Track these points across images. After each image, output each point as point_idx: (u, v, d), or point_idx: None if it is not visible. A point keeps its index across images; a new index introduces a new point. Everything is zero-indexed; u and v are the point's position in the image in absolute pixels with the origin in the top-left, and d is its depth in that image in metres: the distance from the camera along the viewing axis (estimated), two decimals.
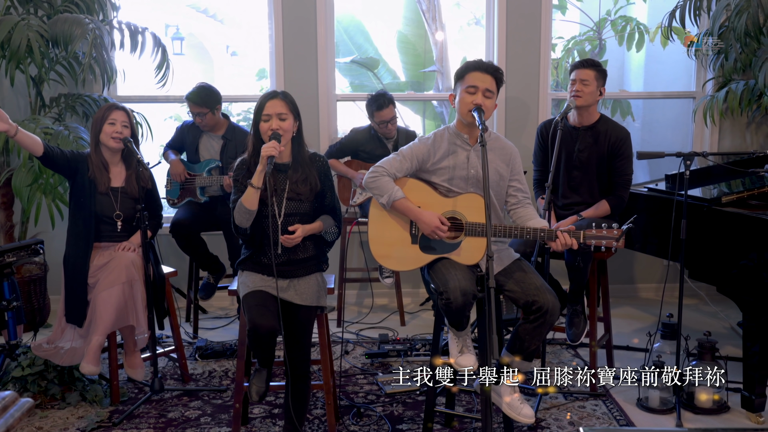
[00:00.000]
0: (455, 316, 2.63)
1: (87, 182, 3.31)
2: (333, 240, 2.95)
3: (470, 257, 2.73)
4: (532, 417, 2.76)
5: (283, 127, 2.72)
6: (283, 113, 2.73)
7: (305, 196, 2.80)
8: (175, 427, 3.15)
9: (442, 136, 2.85)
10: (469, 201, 2.75)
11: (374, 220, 2.85)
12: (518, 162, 2.89)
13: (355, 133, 4.49)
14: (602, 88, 3.56)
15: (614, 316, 4.65)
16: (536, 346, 2.72)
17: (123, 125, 3.30)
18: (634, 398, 3.39)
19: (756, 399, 3.16)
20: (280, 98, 2.75)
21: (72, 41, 3.90)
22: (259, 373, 2.78)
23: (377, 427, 3.14)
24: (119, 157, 3.40)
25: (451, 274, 2.63)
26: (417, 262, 2.79)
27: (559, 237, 2.64)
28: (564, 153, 3.60)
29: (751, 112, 4.84)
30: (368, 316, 4.74)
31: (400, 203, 2.75)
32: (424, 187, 2.81)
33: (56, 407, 3.31)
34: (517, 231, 2.69)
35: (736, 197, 3.42)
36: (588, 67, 3.53)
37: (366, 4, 7.10)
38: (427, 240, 2.77)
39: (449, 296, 2.58)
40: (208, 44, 8.78)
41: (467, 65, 2.78)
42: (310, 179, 2.80)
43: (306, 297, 2.77)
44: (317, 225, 2.84)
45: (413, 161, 2.80)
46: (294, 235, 2.74)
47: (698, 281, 3.47)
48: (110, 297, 3.16)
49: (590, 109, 3.55)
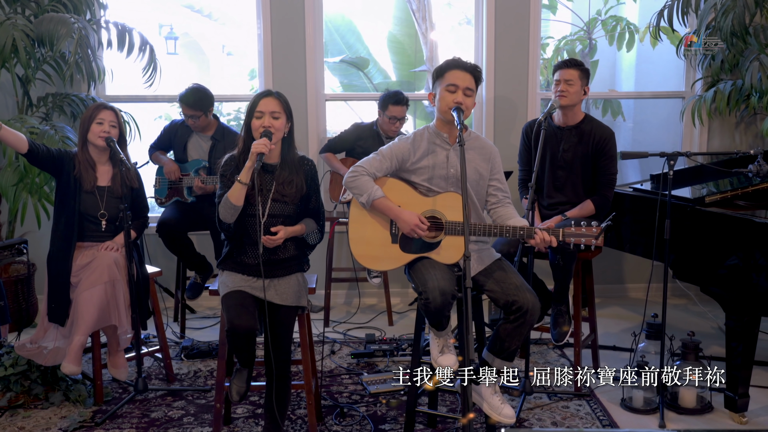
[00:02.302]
0: (434, 316, 2.63)
1: (72, 180, 3.31)
2: (315, 243, 2.96)
3: (450, 256, 2.73)
4: (512, 417, 2.75)
5: (275, 126, 2.72)
6: (276, 112, 2.73)
7: (290, 199, 2.80)
8: (158, 427, 3.14)
9: (422, 135, 2.85)
10: (448, 200, 2.75)
11: (354, 220, 2.84)
12: (498, 161, 2.89)
13: (357, 127, 4.51)
14: (586, 87, 3.56)
15: (603, 316, 4.68)
16: (517, 346, 2.72)
17: (111, 125, 3.30)
18: (618, 398, 3.39)
19: (739, 399, 3.16)
20: (275, 97, 2.76)
21: (57, 40, 3.89)
22: (240, 373, 2.78)
23: (360, 427, 3.13)
24: (107, 156, 3.39)
25: (430, 274, 2.63)
26: (397, 261, 2.78)
27: (538, 234, 2.64)
28: (549, 152, 3.60)
29: (739, 112, 4.84)
30: (357, 316, 4.74)
31: (379, 202, 2.75)
32: (404, 187, 2.81)
33: (39, 407, 3.31)
34: (497, 229, 2.69)
35: (719, 197, 3.42)
36: (571, 66, 3.53)
37: (357, 3, 7.10)
38: (407, 239, 2.77)
39: (428, 296, 2.57)
40: (204, 44, 8.78)
41: (446, 63, 2.78)
42: (296, 182, 2.80)
43: (286, 297, 2.76)
44: (299, 227, 2.84)
45: (393, 160, 2.81)
46: (276, 236, 2.73)
47: (683, 281, 3.47)
48: (92, 297, 3.15)
49: (575, 108, 3.56)
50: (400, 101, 4.30)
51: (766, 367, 3.75)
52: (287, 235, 2.77)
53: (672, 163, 3.16)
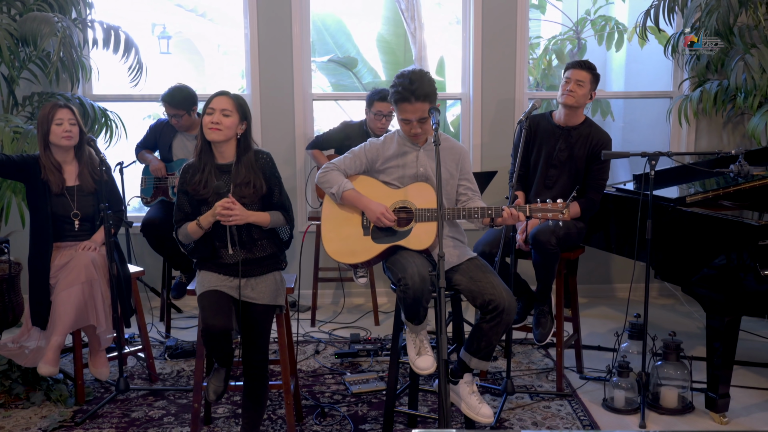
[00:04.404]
0: (413, 304, 2.60)
1: (41, 184, 3.30)
2: (286, 238, 2.95)
3: (421, 242, 2.74)
4: (490, 416, 2.75)
5: (224, 123, 2.73)
6: (226, 109, 2.74)
7: (249, 199, 2.79)
8: (138, 426, 3.14)
9: (392, 138, 2.90)
10: (418, 189, 2.80)
11: (326, 219, 2.88)
12: (467, 162, 2.94)
13: (346, 125, 4.51)
14: (593, 92, 3.56)
15: (590, 316, 4.68)
16: (494, 346, 2.71)
17: (70, 123, 3.29)
18: (600, 398, 3.38)
19: (719, 399, 3.16)
20: (228, 96, 2.79)
21: (41, 39, 3.88)
22: (218, 372, 2.77)
23: (340, 427, 3.13)
24: (72, 155, 3.38)
25: (409, 262, 2.65)
26: (369, 252, 2.79)
27: (506, 210, 2.66)
28: (544, 150, 3.59)
29: (725, 112, 4.84)
30: (344, 315, 4.73)
31: (348, 194, 2.80)
32: (374, 182, 2.88)
33: (20, 407, 3.30)
34: (465, 212, 2.73)
35: (701, 197, 3.42)
36: (585, 68, 3.52)
37: (347, 3, 7.09)
38: (378, 230, 2.79)
39: (407, 282, 2.57)
40: (199, 43, 8.78)
41: (396, 95, 2.74)
42: (254, 182, 2.80)
43: (263, 296, 2.76)
44: (264, 215, 2.80)
45: (363, 159, 2.87)
46: (232, 211, 2.68)
47: (666, 282, 3.46)
48: (69, 297, 3.14)
49: (578, 110, 3.55)
50: (384, 97, 4.31)
51: (748, 367, 3.76)
52: (247, 217, 2.73)
53: (653, 163, 3.16)
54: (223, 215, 2.69)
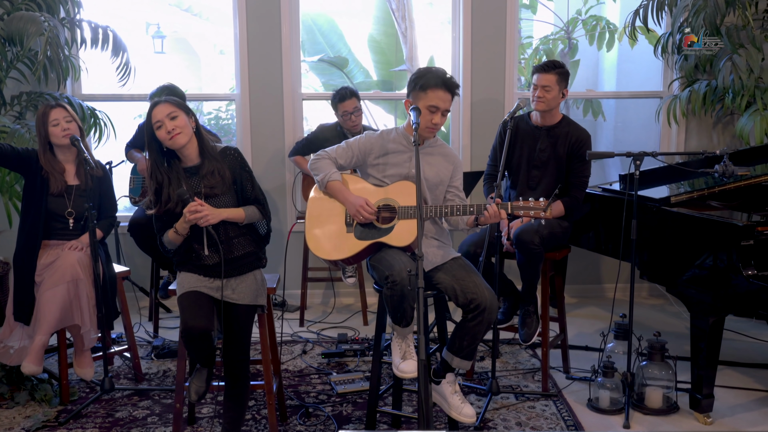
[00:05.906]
0: (399, 301, 2.59)
1: (39, 180, 3.30)
2: (264, 232, 2.92)
3: (403, 238, 2.74)
4: (473, 416, 2.75)
5: (178, 125, 2.69)
6: (171, 112, 2.70)
7: (219, 189, 2.76)
8: (121, 426, 3.13)
9: (389, 134, 2.89)
10: (401, 187, 2.81)
11: (311, 215, 2.88)
12: (460, 170, 2.96)
13: (322, 128, 4.51)
14: (565, 90, 3.54)
15: (579, 316, 4.68)
16: (476, 345, 2.71)
17: (66, 121, 3.30)
18: (585, 398, 3.38)
19: (704, 399, 3.16)
20: (163, 102, 2.73)
21: (27, 39, 3.88)
22: (199, 372, 2.77)
23: (324, 427, 3.12)
24: (75, 153, 3.39)
25: (395, 259, 2.65)
26: (352, 249, 2.79)
27: (488, 209, 2.66)
28: (525, 152, 3.60)
29: (714, 113, 4.84)
30: (333, 315, 4.73)
31: (333, 184, 2.82)
32: (359, 179, 2.90)
33: (4, 406, 3.30)
34: (447, 209, 2.73)
35: (686, 197, 3.41)
36: (549, 71, 3.49)
37: (338, 3, 7.09)
38: (362, 227, 2.80)
39: (395, 277, 2.56)
40: (195, 43, 8.76)
41: (432, 80, 2.74)
42: (218, 170, 2.77)
43: (243, 296, 2.75)
44: (238, 211, 2.77)
45: (355, 151, 2.86)
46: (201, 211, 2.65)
47: (651, 282, 3.46)
48: (54, 296, 3.14)
49: (553, 111, 3.55)
50: (344, 96, 4.33)
51: (734, 367, 3.76)
52: (219, 215, 2.71)
53: (638, 163, 3.16)
54: (194, 219, 2.67)
